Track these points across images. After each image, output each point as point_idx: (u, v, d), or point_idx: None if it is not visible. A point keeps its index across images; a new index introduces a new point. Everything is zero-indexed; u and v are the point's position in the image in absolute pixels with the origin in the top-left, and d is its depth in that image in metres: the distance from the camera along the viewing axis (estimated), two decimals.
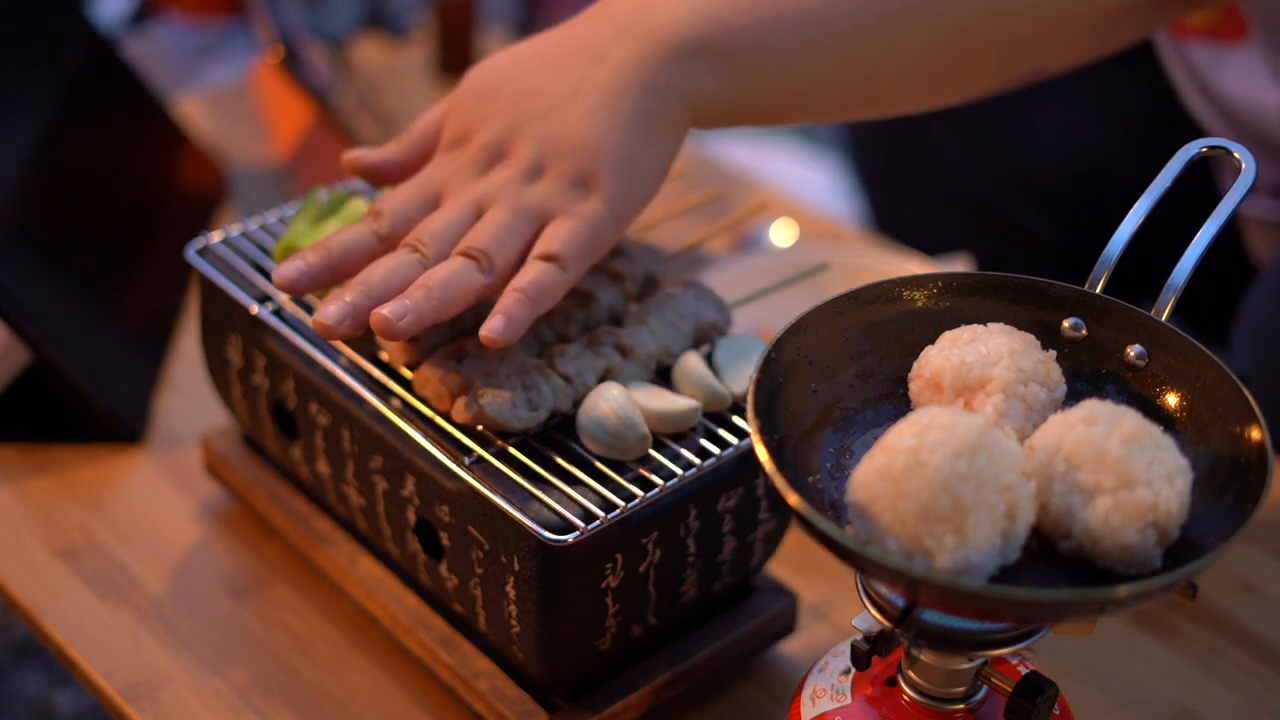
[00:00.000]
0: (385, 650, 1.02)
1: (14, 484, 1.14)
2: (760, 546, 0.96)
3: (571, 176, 0.88)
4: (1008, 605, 0.69)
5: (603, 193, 0.88)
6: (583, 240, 0.87)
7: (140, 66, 1.43)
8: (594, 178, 0.88)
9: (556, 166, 0.88)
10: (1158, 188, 0.81)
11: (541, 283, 0.86)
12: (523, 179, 0.89)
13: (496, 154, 0.90)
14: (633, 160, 0.88)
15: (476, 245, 0.87)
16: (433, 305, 0.85)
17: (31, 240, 1.19)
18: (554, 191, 0.88)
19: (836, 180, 2.33)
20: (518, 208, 0.88)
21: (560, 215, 0.88)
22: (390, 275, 0.87)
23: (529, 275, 0.86)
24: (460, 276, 0.86)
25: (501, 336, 0.84)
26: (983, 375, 0.76)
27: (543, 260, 0.87)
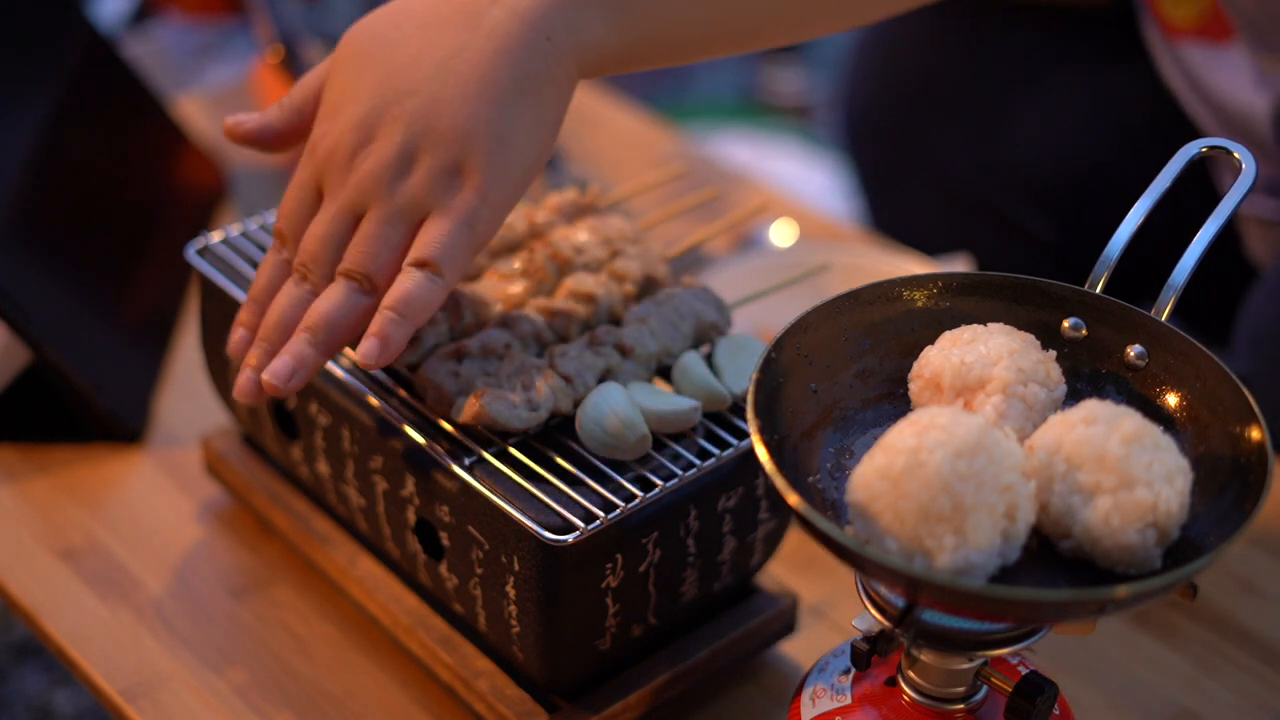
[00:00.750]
0: (385, 650, 1.02)
1: (14, 484, 1.14)
2: (760, 546, 0.96)
3: (443, 167, 0.84)
4: (1008, 605, 0.69)
5: (476, 181, 0.84)
6: (458, 239, 0.84)
7: (140, 66, 1.43)
8: (466, 165, 0.84)
9: (427, 156, 0.84)
10: (1157, 188, 0.81)
11: (413, 295, 0.83)
12: (393, 172, 0.85)
13: (366, 136, 0.86)
14: (508, 138, 0.84)
15: (354, 267, 0.85)
16: (317, 350, 0.85)
17: (31, 240, 1.19)
18: (425, 186, 0.84)
19: (836, 180, 2.33)
20: (389, 215, 0.85)
21: (434, 213, 0.85)
22: (284, 323, 0.86)
23: (400, 289, 0.83)
24: (343, 307, 0.85)
25: (376, 361, 0.83)
26: (983, 375, 0.77)
27: (416, 268, 0.84)
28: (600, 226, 1.02)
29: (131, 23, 2.17)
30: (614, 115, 1.61)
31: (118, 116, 1.36)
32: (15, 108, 1.23)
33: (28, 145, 1.22)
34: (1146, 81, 1.42)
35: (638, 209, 1.31)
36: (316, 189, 0.88)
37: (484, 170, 0.84)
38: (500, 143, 0.84)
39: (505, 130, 0.84)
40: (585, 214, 1.05)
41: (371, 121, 0.86)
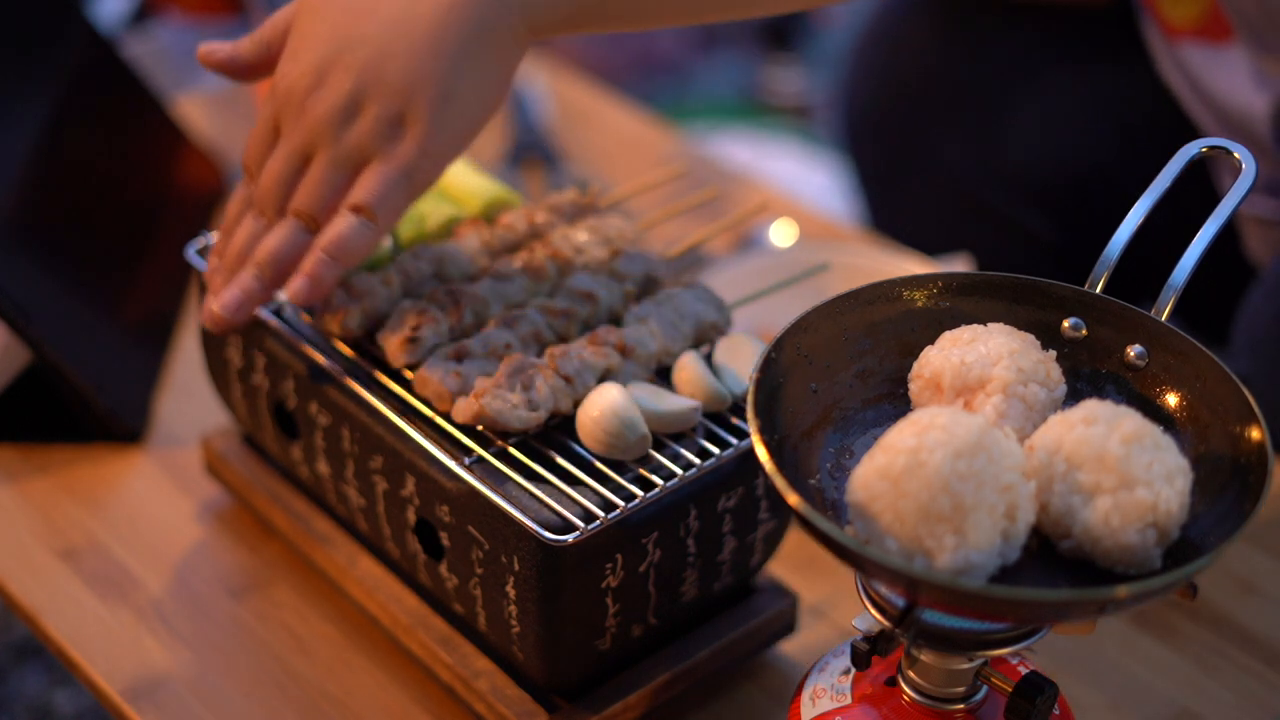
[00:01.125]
0: (385, 650, 1.02)
1: (14, 484, 1.14)
2: (760, 546, 0.96)
3: (388, 115, 0.87)
4: (1008, 605, 0.69)
5: (417, 132, 0.87)
6: (393, 187, 0.88)
7: (140, 66, 1.43)
8: (410, 116, 0.87)
9: (374, 104, 0.87)
10: (1157, 188, 0.81)
11: (345, 238, 0.88)
12: (340, 117, 0.88)
13: (318, 80, 0.89)
14: (454, 93, 0.87)
15: (301, 206, 0.89)
16: (262, 284, 0.90)
17: (32, 240, 1.19)
18: (369, 133, 0.88)
19: (836, 180, 2.33)
20: (335, 158, 0.88)
21: (375, 160, 0.88)
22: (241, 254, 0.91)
23: (334, 231, 0.88)
24: (286, 245, 0.89)
25: (305, 299, 0.88)
26: (983, 375, 0.77)
27: (352, 212, 0.88)
28: (600, 226, 1.02)
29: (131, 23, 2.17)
30: (614, 115, 1.61)
31: (118, 116, 1.36)
32: (15, 108, 1.23)
33: (28, 145, 1.22)
34: (1146, 82, 1.42)
35: (638, 209, 1.31)
36: (276, 127, 0.92)
37: (426, 122, 0.87)
38: (444, 97, 0.87)
39: (451, 84, 0.87)
40: (585, 214, 1.05)
41: (325, 67, 0.89)
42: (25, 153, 1.21)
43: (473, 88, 0.88)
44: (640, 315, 0.95)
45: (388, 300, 0.96)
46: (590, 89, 1.65)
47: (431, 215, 1.03)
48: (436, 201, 1.04)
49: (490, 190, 1.05)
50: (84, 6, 1.41)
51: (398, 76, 0.87)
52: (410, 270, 0.98)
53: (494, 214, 1.05)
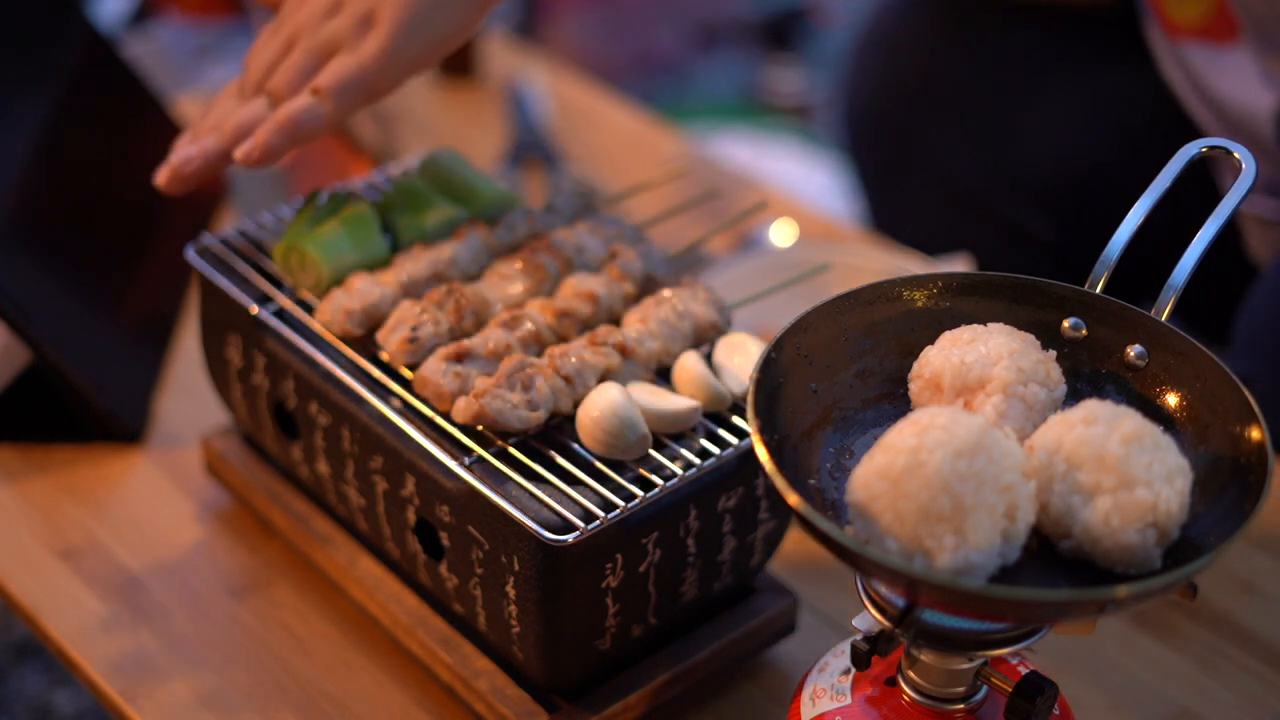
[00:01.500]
0: (385, 650, 1.02)
1: (14, 484, 1.14)
2: (760, 546, 0.96)
3: (358, 14, 0.96)
4: (1008, 605, 0.69)
5: (383, 29, 0.95)
6: (350, 75, 0.95)
7: (140, 66, 1.43)
8: (378, 13, 0.95)
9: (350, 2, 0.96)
10: (1157, 188, 0.81)
11: (296, 113, 0.94)
12: (323, 13, 0.97)
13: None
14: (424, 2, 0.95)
15: (271, 86, 0.97)
16: (218, 144, 0.96)
17: (32, 240, 1.19)
18: (342, 27, 0.96)
19: (836, 180, 2.33)
20: (310, 47, 0.97)
21: (342, 51, 0.96)
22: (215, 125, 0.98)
23: (288, 107, 0.95)
24: (254, 117, 0.96)
25: (247, 157, 0.94)
26: (983, 375, 0.77)
27: (310, 93, 0.95)
28: (600, 226, 1.02)
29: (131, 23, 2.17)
30: (614, 115, 1.61)
31: (118, 116, 1.36)
32: (15, 108, 1.23)
33: (28, 145, 1.22)
34: (1147, 82, 1.42)
35: (638, 209, 1.31)
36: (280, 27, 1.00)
37: (390, 22, 0.95)
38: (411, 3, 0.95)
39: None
40: (585, 214, 1.05)
41: None
42: (25, 153, 1.21)
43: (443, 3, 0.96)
44: (640, 315, 0.95)
45: (388, 300, 0.96)
46: (590, 89, 1.65)
47: (431, 215, 1.03)
48: (436, 201, 1.04)
49: (490, 190, 1.05)
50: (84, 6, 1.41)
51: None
52: (410, 270, 0.98)
53: (494, 214, 1.05)
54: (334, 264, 0.98)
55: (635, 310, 0.95)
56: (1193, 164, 0.82)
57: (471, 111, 1.59)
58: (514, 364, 0.89)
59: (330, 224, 0.99)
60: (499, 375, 0.89)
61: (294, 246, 0.98)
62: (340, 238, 0.98)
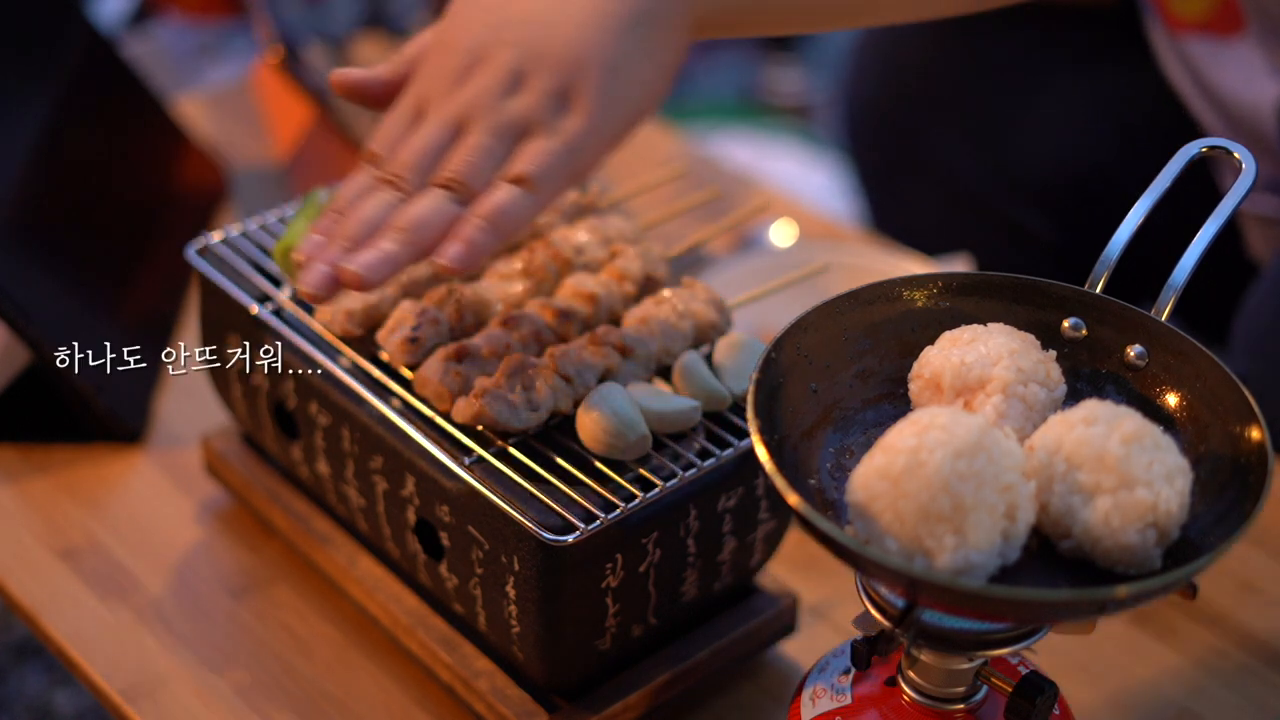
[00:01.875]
0: (385, 650, 1.02)
1: (14, 484, 1.14)
2: (760, 546, 0.96)
3: (553, 89, 0.82)
4: (1008, 605, 0.69)
5: (585, 107, 0.82)
6: (558, 160, 0.81)
7: (140, 66, 1.43)
8: (576, 90, 0.82)
9: (537, 77, 0.82)
10: (1158, 188, 0.81)
11: (505, 208, 0.80)
12: (501, 90, 0.83)
13: (475, 59, 0.84)
14: (621, 69, 0.82)
15: (452, 174, 0.82)
16: (405, 249, 0.80)
17: (32, 240, 1.19)
18: (533, 105, 0.82)
19: (836, 180, 2.33)
20: (495, 126, 0.82)
21: (538, 132, 0.82)
22: (367, 223, 0.82)
23: (493, 200, 0.81)
24: (435, 212, 0.81)
25: (459, 264, 0.79)
26: (983, 375, 0.76)
27: (512, 183, 0.81)
28: (600, 226, 1.02)
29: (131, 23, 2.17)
30: None
31: (118, 116, 1.36)
32: (15, 108, 1.23)
33: (28, 145, 1.22)
34: (1148, 81, 1.42)
35: (638, 209, 1.31)
36: (419, 110, 0.86)
37: (594, 98, 0.82)
38: (613, 73, 0.82)
39: (619, 62, 0.82)
40: (585, 214, 1.05)
41: (482, 46, 0.84)
42: (25, 153, 1.21)
43: (639, 68, 0.83)
44: (640, 315, 0.95)
45: (388, 300, 0.96)
46: None
47: None
48: None
49: None
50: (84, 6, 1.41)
51: (564, 49, 0.82)
52: (410, 270, 0.98)
53: None
54: None
55: (635, 310, 0.95)
56: (1193, 164, 0.82)
57: None
58: (514, 364, 0.89)
59: None
60: (499, 375, 0.89)
61: (294, 246, 0.98)
62: None
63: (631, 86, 0.83)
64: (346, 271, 0.79)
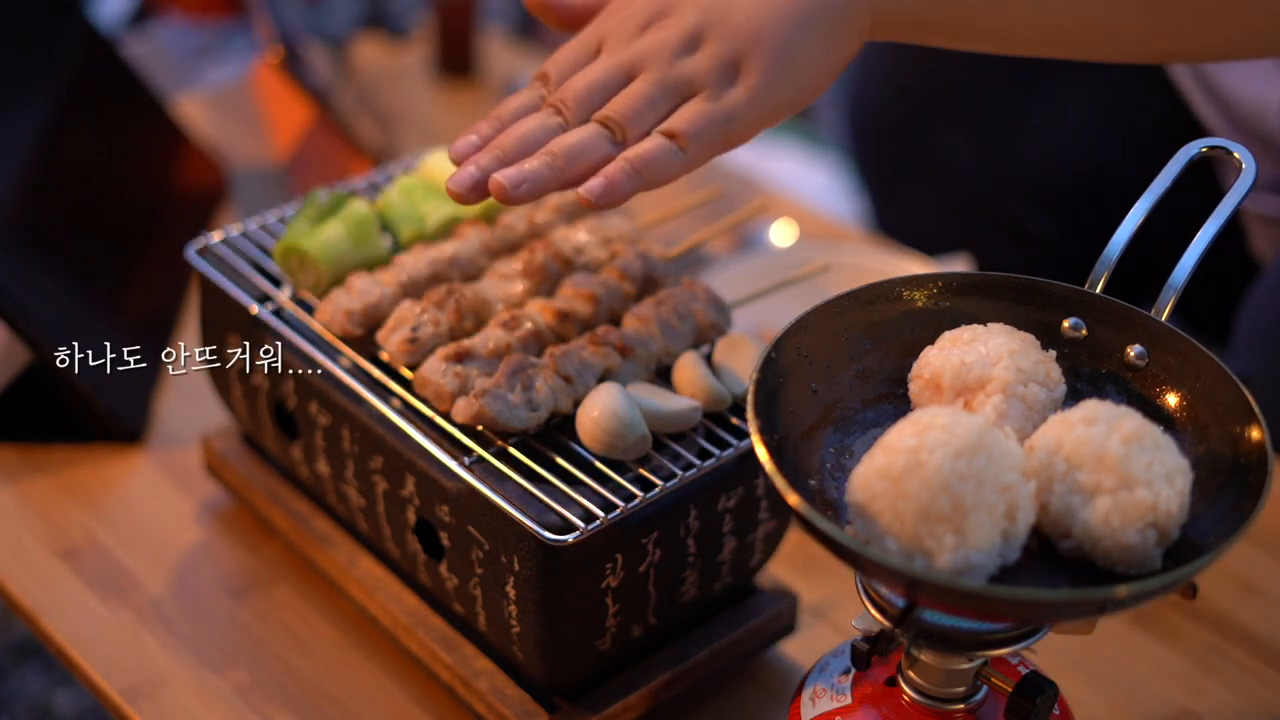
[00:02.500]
0: (385, 650, 1.02)
1: (14, 484, 1.14)
2: (760, 546, 0.96)
3: (726, 56, 0.86)
4: (1008, 605, 0.69)
5: (752, 80, 0.85)
6: (714, 125, 0.85)
7: (140, 66, 1.43)
8: (747, 63, 0.86)
9: (714, 42, 0.86)
10: (1158, 187, 0.81)
11: (654, 157, 0.84)
12: (678, 47, 0.87)
13: (662, 12, 0.88)
14: (793, 54, 0.86)
15: (614, 115, 0.85)
16: (554, 174, 0.84)
17: (32, 240, 1.19)
18: (704, 69, 0.86)
19: (836, 180, 2.33)
20: (664, 80, 0.86)
21: (703, 95, 0.86)
22: (524, 140, 0.86)
23: (643, 148, 0.84)
24: (589, 146, 0.85)
25: (597, 199, 0.82)
26: (982, 375, 0.76)
27: (665, 136, 0.84)
28: (600, 226, 1.02)
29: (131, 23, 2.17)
30: None
31: (118, 116, 1.37)
32: (15, 108, 1.23)
33: (28, 145, 1.22)
34: (1150, 81, 1.42)
35: (638, 209, 1.31)
36: (596, 48, 0.89)
37: (761, 73, 0.85)
38: (783, 55, 0.85)
39: (792, 46, 0.86)
40: (585, 214, 1.05)
41: (670, 2, 0.88)
42: (25, 153, 1.21)
43: (810, 56, 0.86)
44: (640, 315, 0.95)
45: (388, 300, 0.96)
46: None
47: (431, 215, 1.03)
48: (436, 201, 1.04)
49: None
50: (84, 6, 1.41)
51: (744, 21, 0.86)
52: (410, 270, 0.98)
53: (494, 214, 1.05)
54: (334, 264, 0.98)
55: (635, 310, 0.95)
56: (1194, 164, 0.82)
57: (471, 111, 1.59)
58: (514, 364, 0.89)
59: (330, 224, 0.99)
60: (499, 375, 0.89)
61: (294, 246, 0.98)
62: (340, 238, 0.98)
63: (799, 72, 0.86)
64: (496, 181, 0.83)
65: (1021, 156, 1.49)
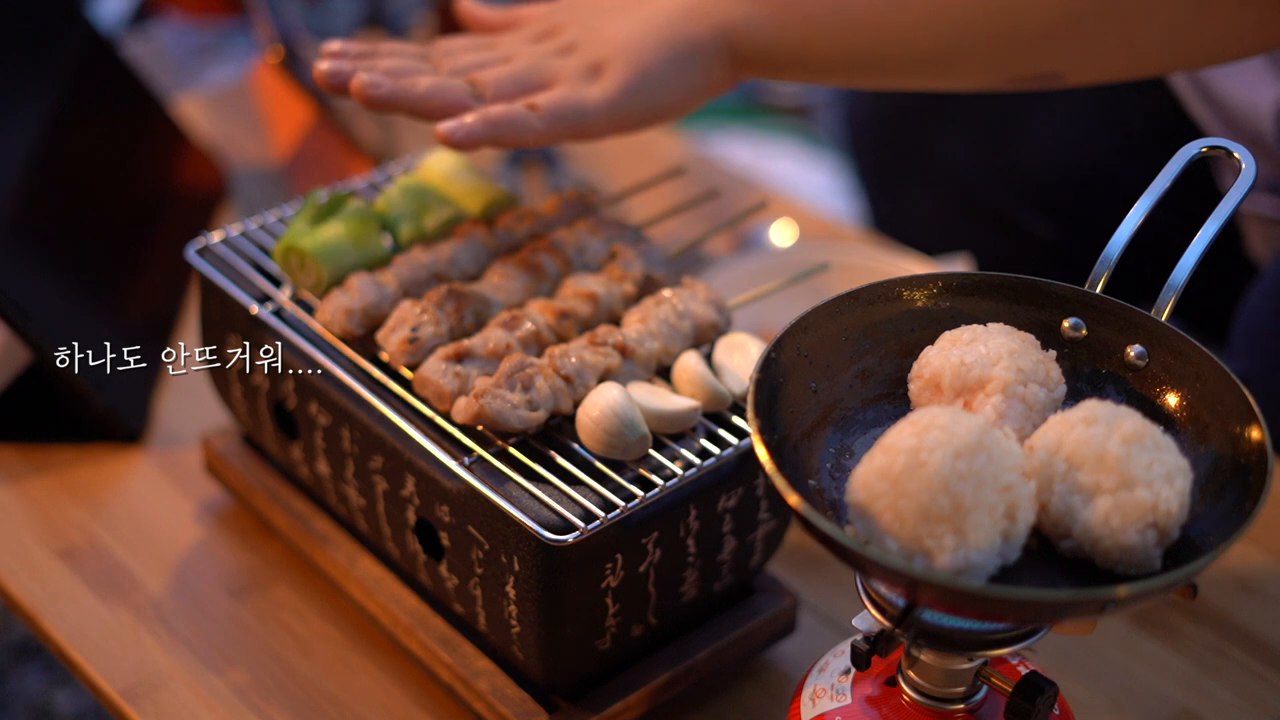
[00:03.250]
0: (385, 650, 1.02)
1: (14, 484, 1.14)
2: (760, 546, 0.96)
3: (591, 61, 0.97)
4: (1008, 605, 0.69)
5: (607, 83, 0.96)
6: (568, 109, 0.95)
7: (140, 66, 1.43)
8: (607, 68, 0.96)
9: (583, 50, 0.97)
10: (1157, 188, 0.81)
11: (511, 116, 0.94)
12: (552, 51, 0.98)
13: (550, 29, 1.01)
14: (650, 69, 0.96)
15: (480, 76, 0.96)
16: (414, 95, 0.94)
17: (32, 240, 1.19)
18: (569, 66, 0.97)
19: (836, 180, 2.33)
20: (533, 65, 0.97)
21: (562, 85, 0.96)
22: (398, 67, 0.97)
23: (503, 107, 0.94)
24: (450, 87, 0.95)
25: (450, 134, 0.92)
26: (982, 375, 0.76)
27: (524, 106, 0.94)
28: (600, 226, 1.02)
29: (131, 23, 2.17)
30: None
31: (118, 116, 1.37)
32: (15, 108, 1.23)
33: (28, 145, 1.22)
34: (1148, 82, 1.41)
35: (638, 209, 1.31)
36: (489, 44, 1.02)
37: (617, 78, 0.96)
38: (639, 67, 0.96)
39: (649, 61, 0.96)
40: (585, 214, 1.05)
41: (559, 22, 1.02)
42: (25, 153, 1.21)
43: (665, 75, 0.97)
44: (640, 315, 0.95)
45: (388, 300, 0.96)
46: None
47: (431, 215, 1.03)
48: (436, 201, 1.04)
49: (490, 190, 1.05)
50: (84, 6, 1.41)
51: (611, 35, 0.97)
52: (410, 270, 0.98)
53: (494, 214, 1.05)
54: (334, 264, 0.98)
55: (635, 310, 0.95)
56: (1193, 164, 0.82)
57: None
58: (514, 364, 0.89)
59: (330, 224, 0.99)
60: (499, 375, 0.89)
61: (294, 246, 0.98)
62: (340, 238, 0.98)
63: (654, 88, 0.97)
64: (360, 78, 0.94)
65: (1020, 156, 1.49)
